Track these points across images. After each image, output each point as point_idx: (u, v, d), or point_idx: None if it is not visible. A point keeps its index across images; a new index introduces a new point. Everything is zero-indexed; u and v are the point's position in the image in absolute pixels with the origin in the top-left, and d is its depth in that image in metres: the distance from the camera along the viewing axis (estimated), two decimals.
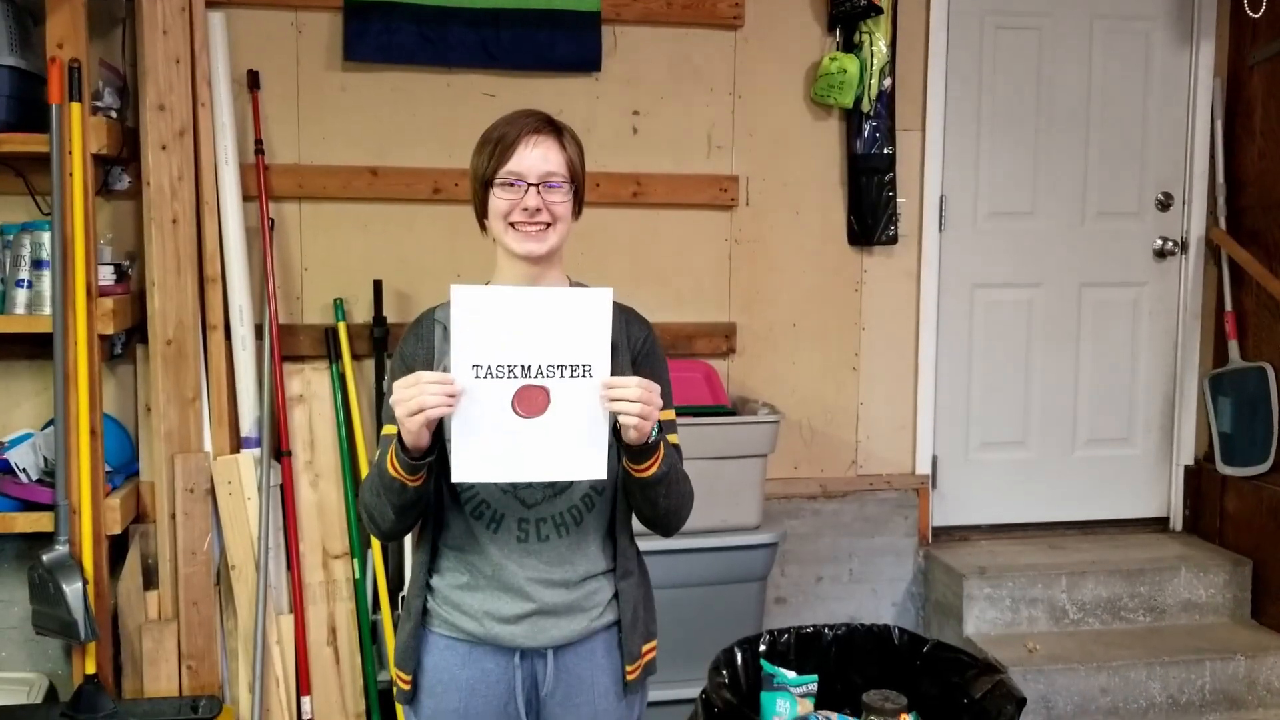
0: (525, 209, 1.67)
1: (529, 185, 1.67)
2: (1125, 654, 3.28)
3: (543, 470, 1.57)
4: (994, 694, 2.15)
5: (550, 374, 1.53)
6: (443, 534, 1.74)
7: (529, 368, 1.53)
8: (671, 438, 1.73)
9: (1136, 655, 3.28)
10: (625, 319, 1.77)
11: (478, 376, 1.52)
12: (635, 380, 1.55)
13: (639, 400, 1.53)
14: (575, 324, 1.53)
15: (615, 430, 1.59)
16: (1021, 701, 2.10)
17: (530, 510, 1.69)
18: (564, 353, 1.53)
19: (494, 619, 1.70)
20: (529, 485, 1.68)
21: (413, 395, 1.52)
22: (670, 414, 1.74)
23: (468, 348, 1.52)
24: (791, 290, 3.48)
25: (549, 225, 1.68)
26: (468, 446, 1.53)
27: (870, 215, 3.44)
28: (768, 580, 3.17)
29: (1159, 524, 3.86)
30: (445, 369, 1.66)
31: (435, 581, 1.75)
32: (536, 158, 1.67)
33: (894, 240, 3.47)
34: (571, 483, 1.70)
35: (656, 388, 1.57)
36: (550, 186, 1.68)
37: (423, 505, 1.69)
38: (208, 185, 2.95)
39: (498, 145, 1.68)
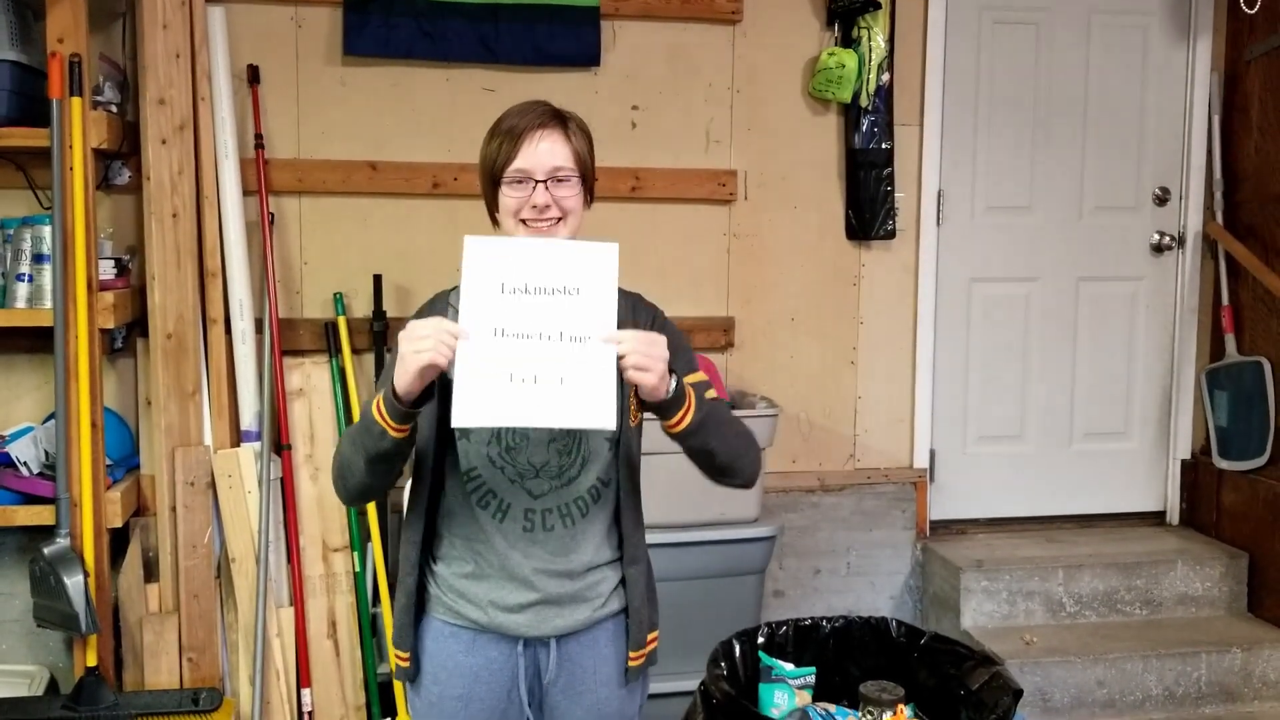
0: (535, 206, 1.67)
1: (537, 182, 1.66)
2: (1122, 647, 3.30)
3: (548, 418, 1.52)
4: (991, 685, 2.16)
5: (558, 329, 1.52)
6: (448, 521, 1.75)
7: (537, 321, 1.52)
8: (710, 393, 1.71)
9: (1133, 648, 3.29)
10: (631, 303, 1.77)
11: (486, 331, 1.51)
12: (632, 333, 1.54)
13: (636, 351, 1.51)
14: (583, 275, 1.53)
15: (639, 399, 1.59)
16: (1018, 693, 2.11)
17: (537, 500, 1.70)
18: (571, 304, 1.52)
19: (498, 608, 1.71)
20: (536, 476, 1.69)
21: (424, 336, 1.50)
22: (701, 375, 1.73)
23: (477, 297, 1.52)
24: (790, 284, 3.49)
25: (560, 219, 1.68)
26: (470, 390, 1.50)
27: (868, 209, 3.45)
28: (766, 573, 3.19)
29: (1156, 518, 3.88)
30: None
31: (440, 569, 1.76)
32: (543, 153, 1.67)
33: (892, 235, 3.48)
34: (579, 473, 1.70)
35: (658, 339, 1.55)
36: (559, 180, 1.67)
37: (396, 468, 1.65)
38: (208, 179, 2.95)
39: (504, 141, 1.67)
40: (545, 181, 1.66)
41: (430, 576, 1.77)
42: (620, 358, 1.51)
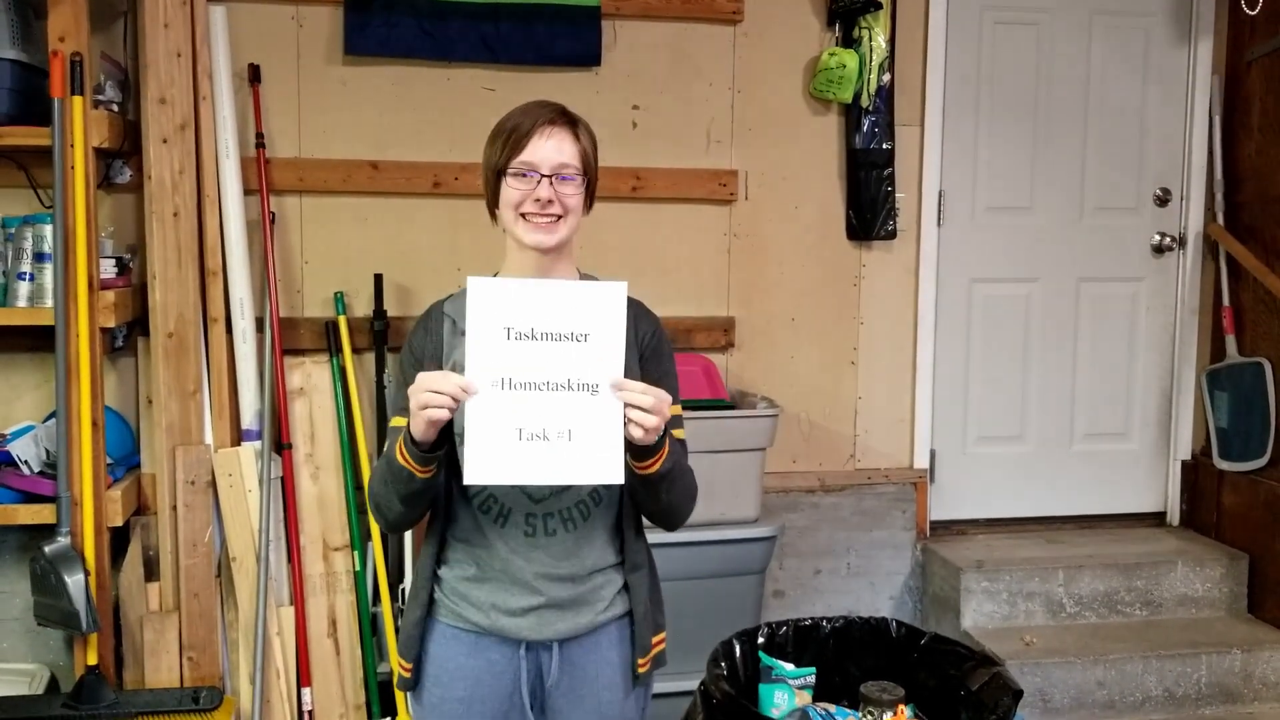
0: (537, 200, 1.66)
1: (541, 176, 1.66)
2: (1122, 647, 3.30)
3: (557, 474, 1.53)
4: (991, 686, 2.16)
5: (565, 378, 1.51)
6: (451, 526, 1.75)
7: (543, 369, 1.50)
8: (678, 432, 1.73)
9: (1133, 649, 3.29)
10: (634, 314, 1.75)
11: (493, 382, 1.50)
12: (646, 388, 1.54)
13: (649, 410, 1.53)
14: (591, 319, 1.51)
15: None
16: (1018, 694, 2.11)
17: (538, 505, 1.70)
18: (579, 351, 1.50)
19: (500, 611, 1.71)
20: None
21: (436, 392, 1.51)
22: (678, 409, 1.73)
23: (483, 345, 1.50)
24: (790, 285, 3.49)
25: (560, 217, 1.68)
26: (480, 449, 1.50)
27: (869, 210, 3.45)
28: (766, 573, 3.19)
29: (1156, 519, 3.88)
30: (455, 363, 1.67)
31: (443, 572, 1.76)
32: (550, 149, 1.67)
33: (893, 235, 3.48)
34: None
35: (667, 398, 1.56)
36: (563, 179, 1.67)
37: (430, 497, 1.69)
38: (209, 179, 2.95)
39: (511, 135, 1.68)
40: (550, 177, 1.67)
41: (436, 582, 1.77)
42: (633, 407, 1.52)
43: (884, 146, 3.41)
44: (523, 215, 1.68)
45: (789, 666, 2.24)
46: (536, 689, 1.75)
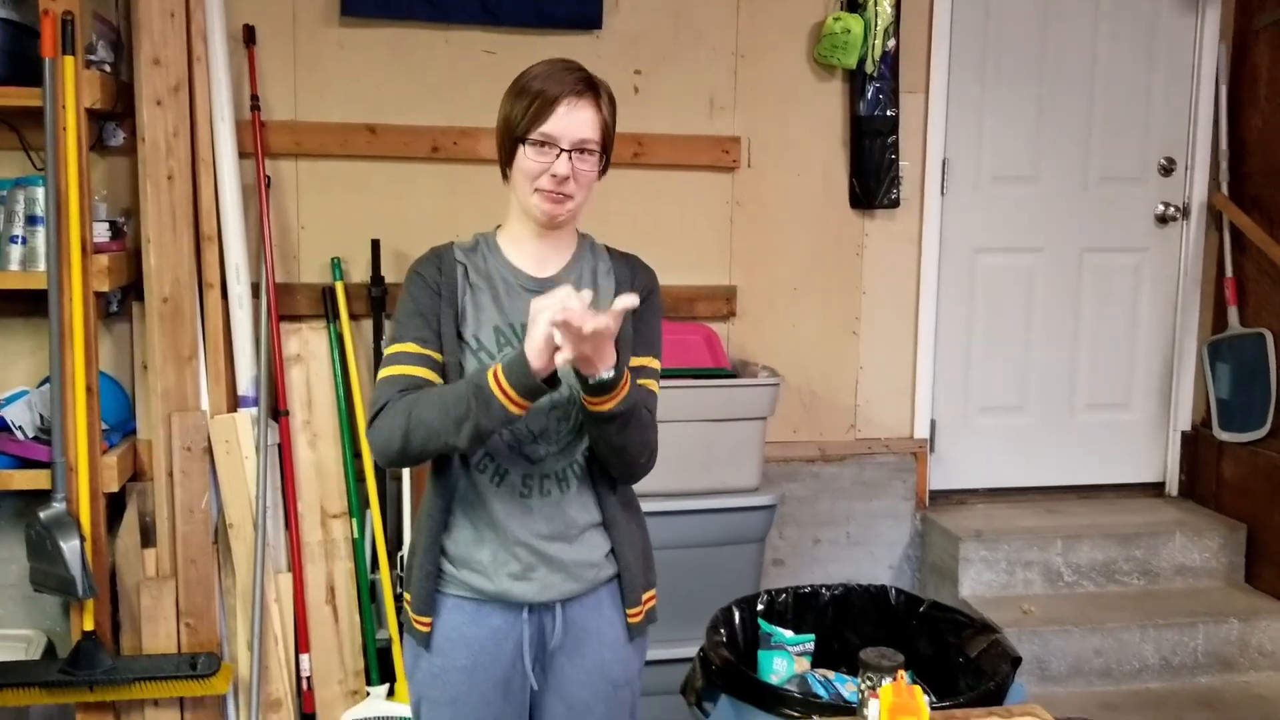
0: (555, 176, 1.64)
1: (562, 150, 1.63)
2: (1119, 616, 3.31)
3: None
4: (989, 653, 2.16)
5: None
6: (450, 493, 1.74)
7: None
8: (649, 382, 1.73)
9: (1130, 618, 3.30)
10: (630, 266, 1.80)
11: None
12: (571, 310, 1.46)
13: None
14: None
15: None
16: (1016, 660, 2.11)
17: (534, 466, 1.70)
18: None
19: (503, 575, 1.71)
20: (534, 441, 1.69)
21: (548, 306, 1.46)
22: (654, 363, 1.75)
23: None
24: (792, 253, 3.46)
25: (572, 194, 1.67)
26: None
27: (872, 178, 3.41)
28: (766, 542, 3.18)
29: (1155, 489, 3.87)
30: (463, 309, 1.68)
31: (447, 543, 1.74)
32: (574, 122, 1.63)
33: (896, 204, 3.45)
34: (574, 438, 1.70)
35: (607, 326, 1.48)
36: (582, 153, 1.65)
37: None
38: (203, 142, 2.91)
39: (535, 101, 1.63)
40: (570, 152, 1.64)
41: (443, 554, 1.75)
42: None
43: (888, 114, 3.38)
44: (537, 189, 1.65)
45: (788, 633, 2.24)
46: (538, 652, 1.75)
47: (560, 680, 1.77)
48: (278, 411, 2.99)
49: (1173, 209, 3.74)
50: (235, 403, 2.98)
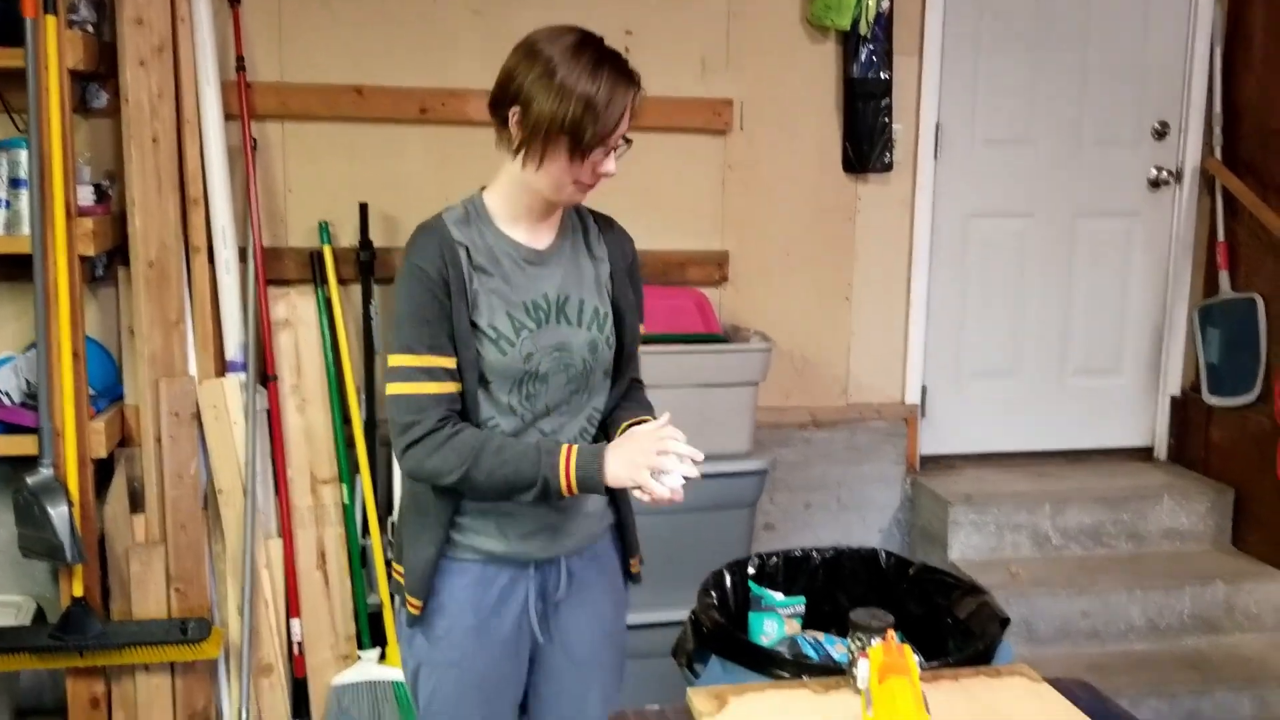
0: (603, 174, 1.65)
1: (609, 150, 1.64)
2: (1107, 579, 3.33)
3: None
4: (978, 615, 2.17)
5: None
6: None
7: None
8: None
9: (1118, 580, 3.32)
10: (616, 235, 1.81)
11: None
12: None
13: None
14: None
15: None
16: (1005, 622, 2.12)
17: (546, 437, 1.71)
18: None
19: (514, 536, 1.72)
20: (548, 414, 1.71)
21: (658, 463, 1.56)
22: (641, 327, 1.82)
23: None
24: (785, 218, 3.44)
25: None
26: None
27: (865, 141, 3.39)
28: (757, 507, 3.18)
29: (1144, 453, 3.89)
30: (475, 296, 1.65)
31: (459, 517, 1.73)
32: (621, 123, 1.63)
33: (889, 168, 3.43)
34: (584, 405, 1.74)
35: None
36: (618, 147, 1.65)
37: None
38: (188, 103, 2.88)
39: (591, 108, 1.58)
40: (613, 149, 1.65)
41: (452, 526, 1.74)
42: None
43: (881, 76, 3.35)
44: (576, 181, 1.64)
45: (779, 596, 2.25)
46: (542, 607, 1.78)
47: (563, 632, 1.81)
48: (266, 377, 2.97)
49: (1165, 173, 3.73)
50: (223, 368, 2.96)
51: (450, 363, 1.63)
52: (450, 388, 1.64)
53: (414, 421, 1.61)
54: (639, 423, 1.70)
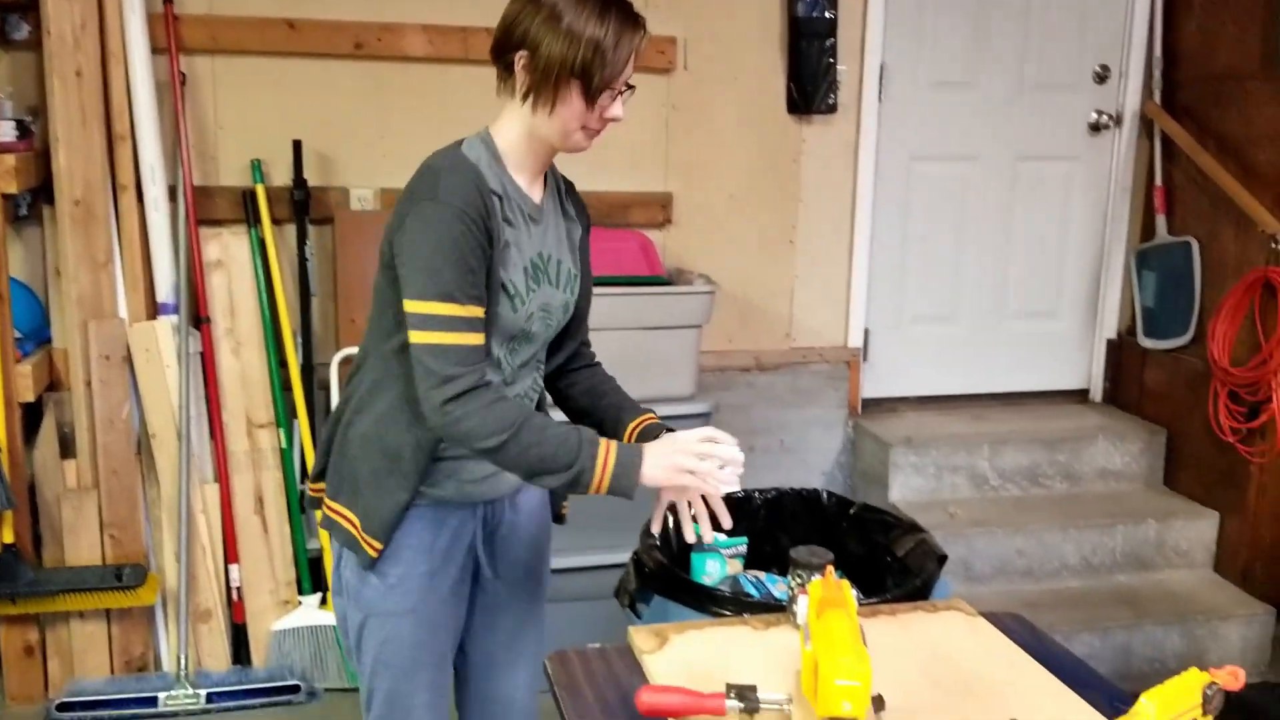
0: (611, 118, 1.61)
1: (616, 94, 1.59)
2: (1042, 518, 3.39)
3: None
4: (916, 552, 2.19)
5: None
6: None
7: None
8: None
9: (1053, 520, 3.39)
10: (577, 197, 1.79)
11: None
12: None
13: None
14: None
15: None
16: (942, 558, 2.15)
17: (510, 388, 1.70)
18: None
19: (465, 481, 1.70)
20: (524, 366, 1.71)
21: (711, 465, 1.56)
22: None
23: None
24: (730, 160, 3.42)
25: None
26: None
27: (810, 82, 3.36)
28: None
29: (1080, 396, 3.95)
30: (509, 244, 1.59)
31: (432, 463, 1.68)
32: (628, 66, 1.59)
33: (833, 109, 3.41)
34: (540, 364, 1.76)
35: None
36: (624, 91, 1.61)
37: None
38: (113, 35, 2.77)
39: (600, 51, 1.53)
40: (621, 92, 1.61)
41: (424, 479, 1.69)
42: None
43: (826, 15, 3.31)
44: (585, 126, 1.60)
45: (721, 536, 2.25)
46: (486, 542, 1.79)
47: (503, 564, 1.83)
48: (199, 319, 2.90)
49: (1106, 117, 3.75)
50: (154, 310, 2.89)
51: (483, 315, 1.56)
52: (484, 342, 1.57)
53: (457, 375, 1.52)
54: (646, 423, 1.74)
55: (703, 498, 1.63)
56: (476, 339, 1.54)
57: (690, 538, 1.64)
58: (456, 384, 1.52)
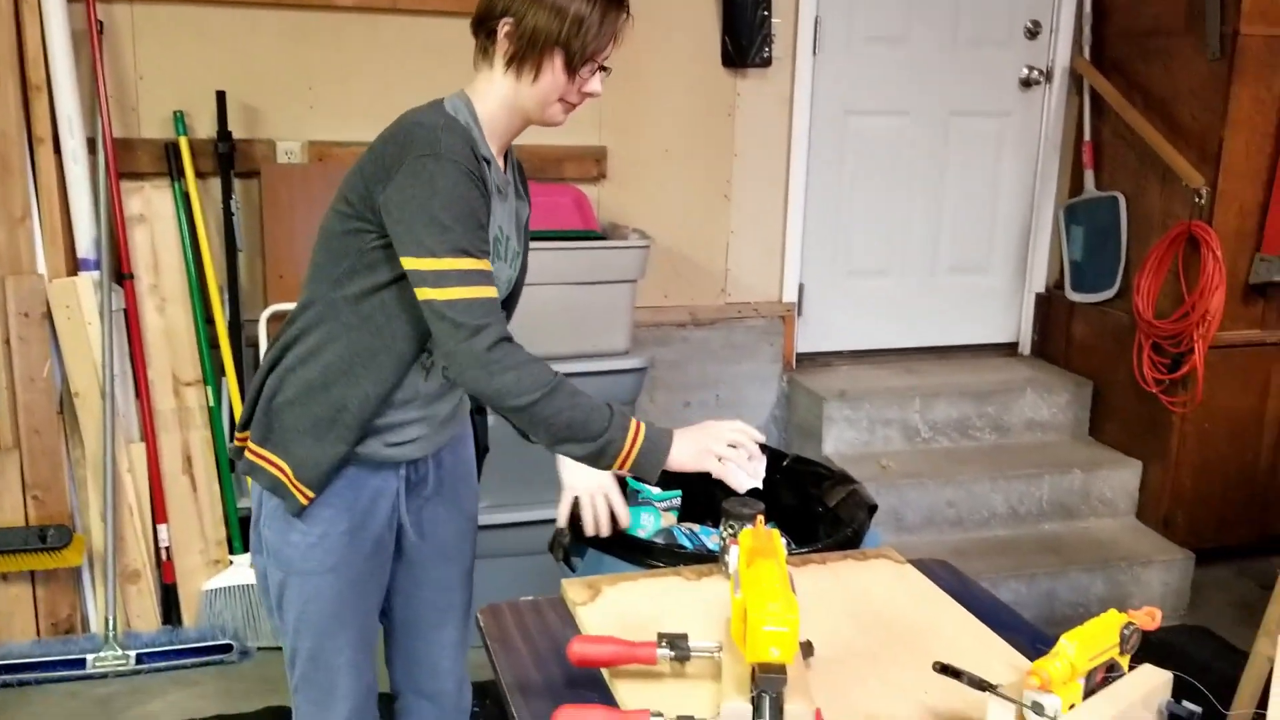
0: (587, 93, 1.59)
1: (596, 69, 1.58)
2: (971, 469, 3.46)
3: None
4: (848, 502, 2.22)
5: None
6: (393, 388, 1.65)
7: None
8: None
9: (982, 470, 3.46)
10: (524, 176, 1.76)
11: None
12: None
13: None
14: None
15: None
16: (873, 508, 2.18)
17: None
18: None
19: (393, 443, 1.68)
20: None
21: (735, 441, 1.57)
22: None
23: None
24: (664, 114, 3.39)
25: None
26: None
27: (744, 36, 3.35)
28: (636, 405, 3.20)
29: (1009, 349, 4.03)
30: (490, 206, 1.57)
31: (376, 419, 1.65)
32: (612, 41, 1.58)
33: (768, 63, 3.40)
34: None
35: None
36: (606, 68, 1.61)
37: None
38: None
39: (583, 21, 1.53)
40: (603, 68, 1.60)
41: (368, 433, 1.67)
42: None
43: None
44: (564, 98, 1.58)
45: (655, 490, 2.26)
46: (410, 502, 1.76)
47: (432, 525, 1.81)
48: (121, 275, 2.83)
49: (1036, 72, 3.79)
50: (75, 266, 2.81)
51: (492, 270, 1.56)
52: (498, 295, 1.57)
53: (487, 324, 1.49)
54: None
55: (604, 496, 1.73)
56: (494, 291, 1.53)
57: (591, 532, 1.68)
58: (490, 332, 1.49)
